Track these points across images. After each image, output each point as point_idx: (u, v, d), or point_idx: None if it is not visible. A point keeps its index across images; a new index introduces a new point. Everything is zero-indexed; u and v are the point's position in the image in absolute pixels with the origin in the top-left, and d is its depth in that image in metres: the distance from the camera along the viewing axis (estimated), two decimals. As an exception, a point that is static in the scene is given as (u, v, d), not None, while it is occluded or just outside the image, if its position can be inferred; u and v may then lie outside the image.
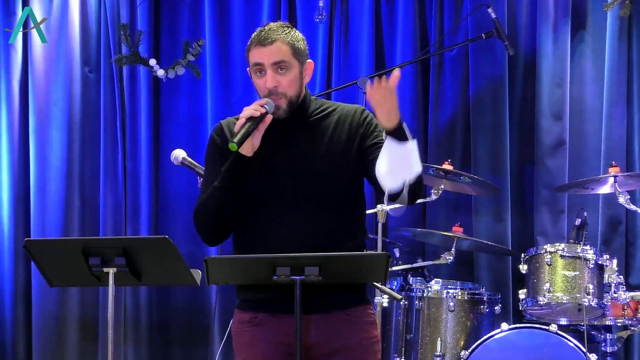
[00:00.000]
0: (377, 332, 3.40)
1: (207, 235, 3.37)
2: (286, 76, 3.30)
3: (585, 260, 5.03)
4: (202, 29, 6.36)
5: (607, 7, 5.76)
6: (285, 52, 3.30)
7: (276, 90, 3.29)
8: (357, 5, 6.22)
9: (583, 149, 6.00)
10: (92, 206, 6.37)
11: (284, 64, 3.29)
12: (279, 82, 3.29)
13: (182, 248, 4.27)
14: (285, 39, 3.30)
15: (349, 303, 3.31)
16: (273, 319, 3.31)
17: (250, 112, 3.24)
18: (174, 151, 4.62)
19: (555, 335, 4.95)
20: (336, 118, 3.37)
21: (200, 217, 3.34)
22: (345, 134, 3.35)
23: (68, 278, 3.49)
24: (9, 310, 6.29)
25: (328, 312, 3.29)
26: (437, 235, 5.57)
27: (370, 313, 3.36)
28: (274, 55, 3.29)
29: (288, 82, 3.30)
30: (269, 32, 3.30)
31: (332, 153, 3.33)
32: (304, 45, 3.36)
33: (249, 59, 3.34)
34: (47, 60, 6.35)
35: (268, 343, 3.30)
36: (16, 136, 6.35)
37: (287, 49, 3.30)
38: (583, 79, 6.02)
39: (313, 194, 3.30)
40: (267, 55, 3.28)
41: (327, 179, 3.31)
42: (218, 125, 3.43)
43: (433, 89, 6.12)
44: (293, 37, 3.32)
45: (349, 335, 3.30)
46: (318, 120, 3.37)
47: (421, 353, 5.22)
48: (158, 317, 6.34)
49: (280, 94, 3.30)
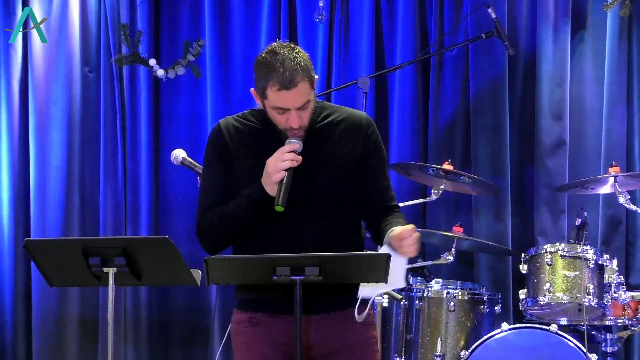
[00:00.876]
0: (376, 333, 3.41)
1: (211, 250, 3.39)
2: (307, 110, 3.27)
3: (586, 260, 5.02)
4: (202, 29, 6.36)
5: (607, 7, 5.76)
6: (308, 91, 3.24)
7: (302, 127, 3.28)
8: (357, 5, 6.21)
9: (583, 149, 6.00)
10: (92, 206, 6.37)
11: (307, 103, 3.26)
12: (302, 118, 3.26)
13: (182, 248, 4.26)
14: (305, 76, 3.23)
15: (347, 303, 3.31)
16: (271, 319, 3.31)
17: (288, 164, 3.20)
18: (174, 151, 4.63)
19: (556, 335, 4.95)
20: (342, 127, 3.37)
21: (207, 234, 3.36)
22: (350, 144, 3.35)
23: (68, 278, 3.49)
24: (9, 310, 6.29)
25: (326, 312, 3.29)
26: (437, 235, 5.57)
27: (369, 314, 3.35)
28: (300, 98, 3.23)
29: (308, 114, 3.28)
30: (293, 74, 3.20)
31: (335, 162, 3.33)
32: (311, 66, 3.29)
33: (269, 98, 3.24)
34: (47, 60, 6.35)
35: (266, 343, 3.31)
36: (16, 136, 6.35)
37: (308, 86, 3.24)
38: (583, 79, 6.01)
39: (314, 200, 3.31)
40: (293, 100, 3.22)
41: (329, 187, 3.32)
42: (217, 126, 3.41)
43: (433, 89, 6.12)
44: (307, 67, 3.24)
45: (347, 336, 3.30)
46: (323, 128, 3.36)
47: (421, 353, 5.22)
48: (158, 317, 6.33)
49: (303, 128, 3.28)
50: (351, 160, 3.35)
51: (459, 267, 5.92)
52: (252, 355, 3.33)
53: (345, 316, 3.31)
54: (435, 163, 5.66)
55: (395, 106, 6.17)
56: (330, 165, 3.33)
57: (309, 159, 3.30)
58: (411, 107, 6.14)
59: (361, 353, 3.33)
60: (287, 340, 3.26)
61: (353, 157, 3.35)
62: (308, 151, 3.31)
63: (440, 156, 5.87)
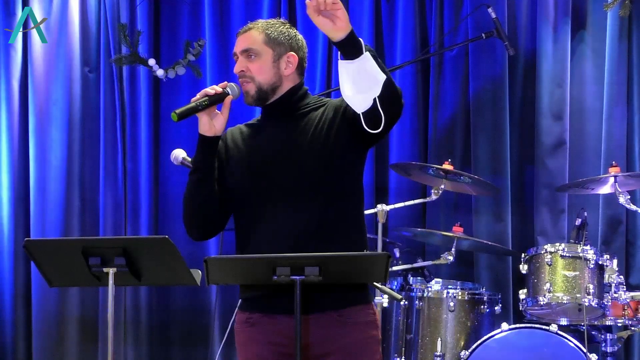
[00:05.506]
0: (376, 332, 3.36)
1: (190, 229, 3.44)
2: (255, 62, 3.35)
3: (586, 260, 5.03)
4: (202, 29, 6.36)
5: (607, 7, 5.76)
6: (255, 39, 3.36)
7: (244, 74, 3.36)
8: (357, 5, 6.21)
9: (583, 149, 6.00)
10: (92, 206, 6.37)
11: (252, 51, 3.35)
12: (247, 67, 3.35)
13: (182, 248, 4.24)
14: (261, 28, 3.37)
15: (342, 303, 3.28)
16: (266, 319, 3.31)
17: (205, 91, 3.33)
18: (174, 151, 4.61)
19: (556, 335, 4.95)
20: (322, 110, 3.36)
21: (183, 210, 3.44)
22: (329, 123, 3.32)
23: (68, 278, 3.48)
24: (9, 310, 6.28)
25: (321, 312, 3.27)
26: (437, 235, 5.57)
27: (368, 312, 3.33)
28: (245, 42, 3.37)
29: (256, 67, 3.35)
30: (250, 24, 3.39)
31: (315, 145, 3.30)
32: (285, 38, 3.38)
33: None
34: (47, 60, 6.35)
35: (262, 343, 3.31)
36: (16, 136, 6.35)
37: (260, 37, 3.36)
38: (583, 79, 6.02)
39: (298, 186, 3.29)
40: (239, 44, 3.38)
41: (311, 172, 3.28)
42: (227, 131, 3.48)
43: (433, 89, 6.12)
44: (271, 28, 3.38)
45: (343, 336, 3.28)
46: (304, 114, 3.36)
47: (421, 353, 5.22)
48: (158, 317, 6.33)
49: (247, 78, 3.36)
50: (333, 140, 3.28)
51: (459, 267, 5.92)
52: (249, 355, 3.34)
53: (341, 316, 3.28)
54: (435, 163, 5.66)
55: (395, 106, 6.17)
56: (310, 148, 3.30)
57: (290, 143, 3.31)
58: (411, 107, 6.13)
59: (358, 353, 3.29)
60: (281, 341, 3.27)
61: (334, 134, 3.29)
62: (289, 136, 3.32)
63: (440, 156, 5.87)
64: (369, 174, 6.06)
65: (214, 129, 3.36)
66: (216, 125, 3.36)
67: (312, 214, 3.27)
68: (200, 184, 3.39)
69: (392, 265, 5.26)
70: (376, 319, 3.37)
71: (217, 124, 3.37)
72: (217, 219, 3.42)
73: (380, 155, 6.14)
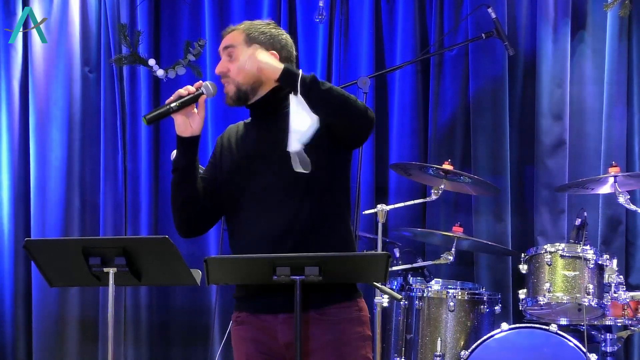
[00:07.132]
0: (362, 329, 3.32)
1: (176, 227, 3.46)
2: (234, 63, 3.36)
3: (585, 260, 5.03)
4: (202, 29, 6.36)
5: (607, 7, 5.76)
6: (235, 40, 3.37)
7: (224, 74, 3.38)
8: (357, 5, 6.22)
9: (583, 149, 6.00)
10: (92, 206, 6.37)
11: (231, 49, 3.36)
12: (228, 68, 3.37)
13: (182, 248, 4.26)
14: (242, 29, 3.38)
15: (323, 302, 3.26)
16: (252, 318, 3.33)
17: (179, 92, 3.32)
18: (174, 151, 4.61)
19: (555, 335, 4.95)
20: None
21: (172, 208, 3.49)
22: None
23: (68, 278, 3.48)
24: (9, 310, 6.29)
25: (303, 312, 3.24)
26: (437, 235, 5.57)
27: (352, 310, 3.30)
28: (225, 42, 3.39)
29: (234, 67, 3.35)
30: (234, 25, 3.41)
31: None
32: (265, 37, 3.37)
33: None
34: (47, 60, 6.35)
35: (249, 341, 3.33)
36: (16, 136, 6.35)
37: (240, 37, 3.37)
38: (583, 79, 6.02)
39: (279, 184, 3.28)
40: (221, 44, 3.40)
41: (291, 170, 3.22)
42: (228, 127, 3.50)
43: (433, 89, 6.12)
44: (253, 28, 3.38)
45: (324, 335, 3.26)
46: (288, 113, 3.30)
47: (421, 353, 5.22)
48: (158, 317, 6.34)
49: (228, 79, 3.38)
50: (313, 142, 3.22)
51: (459, 267, 5.92)
52: (239, 354, 3.37)
53: (323, 315, 3.26)
54: (435, 163, 5.66)
55: (395, 106, 6.18)
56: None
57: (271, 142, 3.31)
58: (411, 107, 6.14)
59: (343, 349, 3.27)
60: (263, 338, 3.29)
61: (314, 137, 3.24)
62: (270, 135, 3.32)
63: (440, 156, 5.87)
64: (369, 174, 6.06)
65: (190, 129, 3.36)
66: (193, 125, 3.36)
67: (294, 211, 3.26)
68: (181, 184, 3.42)
69: (392, 265, 5.26)
70: (362, 315, 3.33)
71: (194, 124, 3.36)
72: (204, 217, 3.43)
73: (380, 155, 6.15)
